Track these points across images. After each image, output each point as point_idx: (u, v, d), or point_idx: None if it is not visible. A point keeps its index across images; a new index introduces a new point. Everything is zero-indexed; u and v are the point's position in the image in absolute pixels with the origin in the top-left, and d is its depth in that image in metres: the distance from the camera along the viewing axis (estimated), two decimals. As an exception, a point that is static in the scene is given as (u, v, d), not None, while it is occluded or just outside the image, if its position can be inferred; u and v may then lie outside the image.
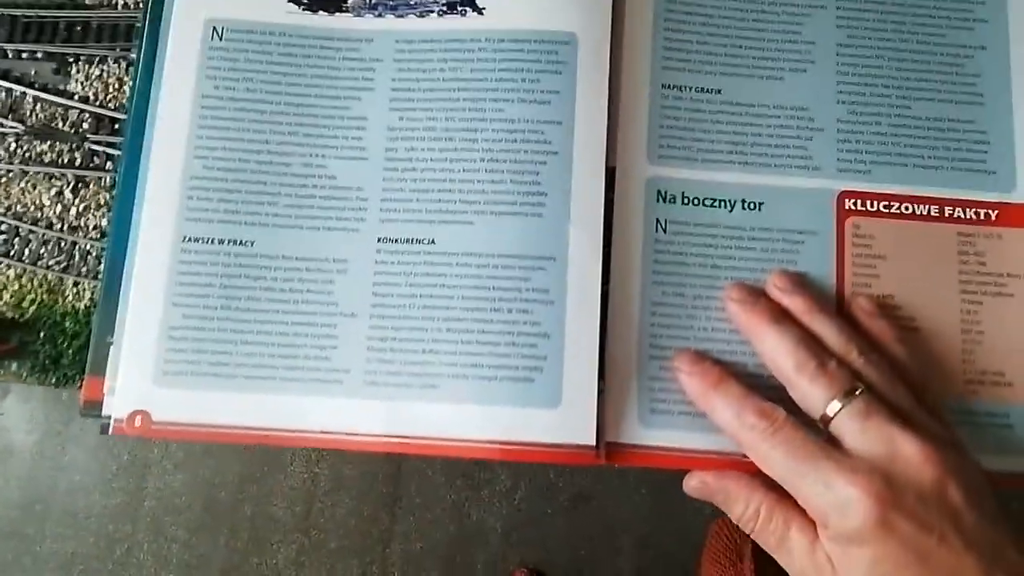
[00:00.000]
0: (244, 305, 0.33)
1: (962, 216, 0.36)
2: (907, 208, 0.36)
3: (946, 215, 0.36)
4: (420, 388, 0.32)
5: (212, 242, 0.33)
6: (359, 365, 0.32)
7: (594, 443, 0.32)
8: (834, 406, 0.29)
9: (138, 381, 0.32)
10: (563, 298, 0.33)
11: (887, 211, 0.36)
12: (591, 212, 0.33)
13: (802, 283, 0.34)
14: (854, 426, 0.28)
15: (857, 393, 0.29)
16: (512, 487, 1.13)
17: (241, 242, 0.33)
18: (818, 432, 0.29)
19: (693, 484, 0.32)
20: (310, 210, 0.34)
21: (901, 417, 0.29)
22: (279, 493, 1.15)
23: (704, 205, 0.35)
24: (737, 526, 0.31)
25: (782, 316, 0.32)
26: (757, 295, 0.33)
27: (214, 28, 0.35)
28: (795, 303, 0.32)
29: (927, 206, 0.36)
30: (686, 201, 0.35)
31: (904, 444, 0.27)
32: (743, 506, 0.30)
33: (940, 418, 0.30)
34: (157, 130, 0.34)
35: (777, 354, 0.31)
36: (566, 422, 0.32)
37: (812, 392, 0.29)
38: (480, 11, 0.35)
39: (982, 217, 0.36)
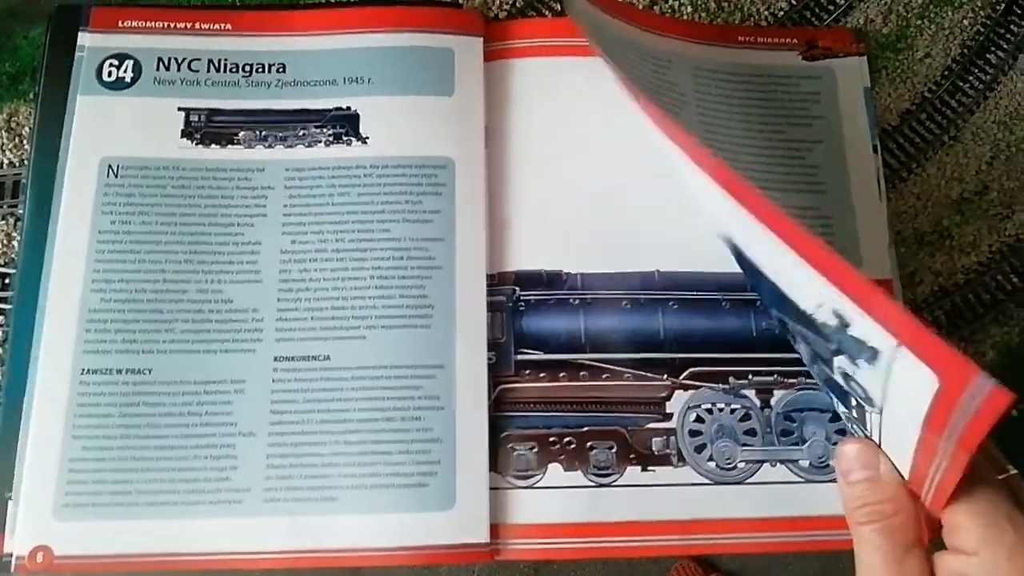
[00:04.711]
0: (144, 432, 0.34)
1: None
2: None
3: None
4: (320, 501, 0.33)
5: (110, 372, 0.34)
6: (259, 483, 0.33)
7: (488, 539, 0.33)
8: None
9: (38, 517, 0.33)
10: (452, 403, 0.35)
11: None
12: (474, 319, 0.36)
13: None
14: None
15: None
16: None
17: (139, 371, 0.35)
18: None
19: None
20: (207, 334, 0.35)
21: None
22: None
23: None
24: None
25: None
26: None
27: (109, 166, 0.37)
28: None
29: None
30: None
31: None
32: None
33: None
34: (54, 268, 0.35)
35: None
36: (460, 522, 0.33)
37: None
38: (364, 140, 0.38)
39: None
